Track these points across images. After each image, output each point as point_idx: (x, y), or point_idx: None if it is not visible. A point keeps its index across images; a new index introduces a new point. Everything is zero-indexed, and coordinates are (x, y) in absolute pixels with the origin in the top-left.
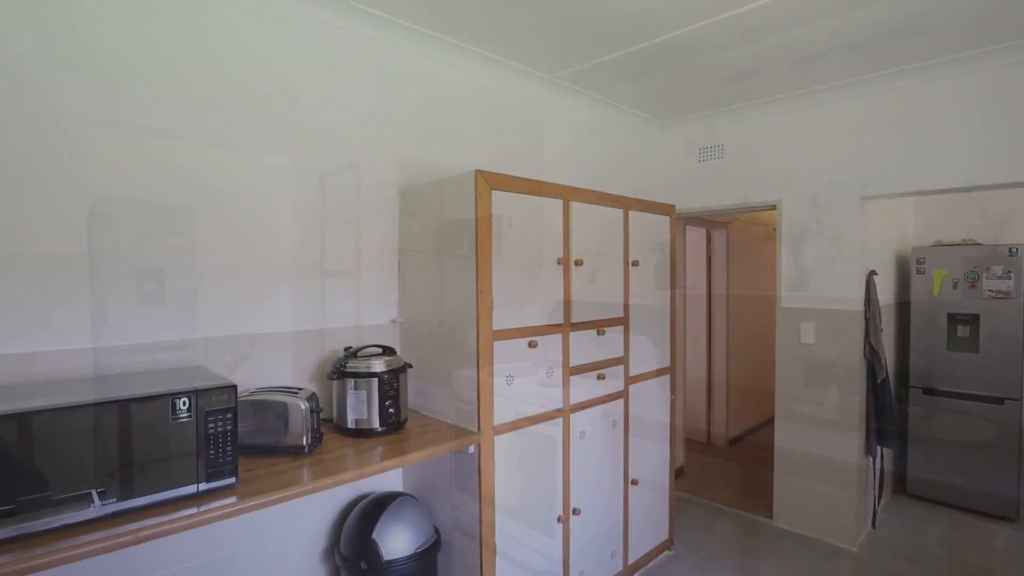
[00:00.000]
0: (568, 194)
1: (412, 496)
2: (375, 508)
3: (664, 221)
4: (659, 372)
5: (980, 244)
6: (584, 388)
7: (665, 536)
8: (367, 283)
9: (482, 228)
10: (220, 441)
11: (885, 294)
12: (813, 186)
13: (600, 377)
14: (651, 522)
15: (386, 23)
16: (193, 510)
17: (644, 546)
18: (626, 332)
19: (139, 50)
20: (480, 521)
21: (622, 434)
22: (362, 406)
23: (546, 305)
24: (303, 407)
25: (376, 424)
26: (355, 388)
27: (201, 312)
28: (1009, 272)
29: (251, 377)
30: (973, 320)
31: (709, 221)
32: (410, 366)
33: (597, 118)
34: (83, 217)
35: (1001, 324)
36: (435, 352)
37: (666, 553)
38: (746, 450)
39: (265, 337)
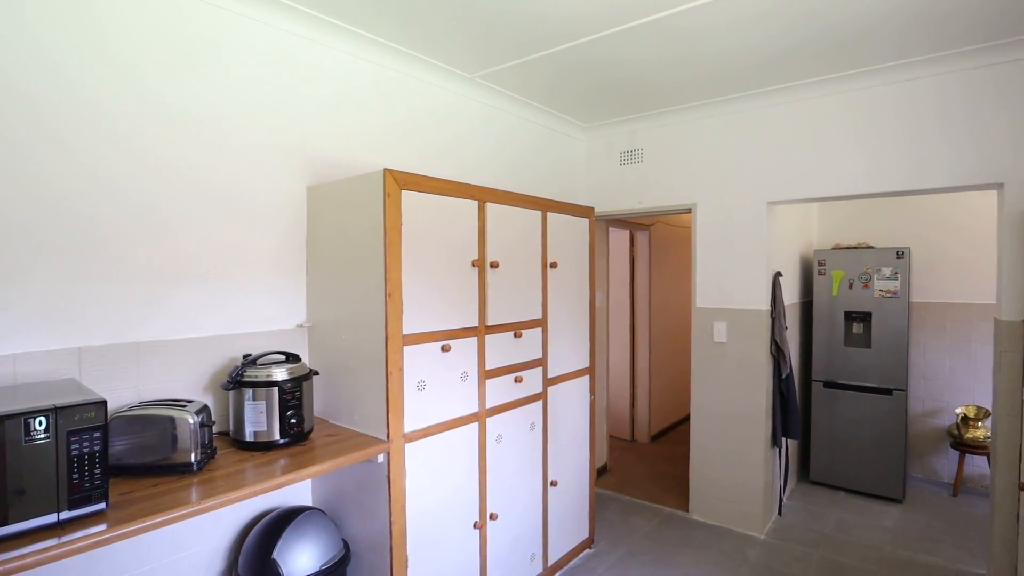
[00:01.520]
0: (483, 195)
1: (320, 510)
2: (277, 525)
3: (583, 223)
4: (579, 373)
5: (873, 247)
6: (501, 391)
7: (586, 535)
8: (272, 285)
9: (391, 229)
10: (86, 463)
11: (790, 294)
12: (725, 190)
13: (518, 380)
14: (571, 522)
15: (293, 12)
16: (53, 541)
17: (564, 546)
18: (544, 334)
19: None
20: (391, 533)
21: (540, 436)
22: (261, 417)
23: (460, 308)
24: (191, 421)
25: (277, 436)
26: (253, 399)
27: (75, 318)
28: (896, 273)
29: (135, 390)
30: (866, 318)
31: (632, 223)
32: (316, 373)
33: (519, 119)
34: None
35: (889, 321)
36: (343, 358)
37: (586, 551)
38: (668, 446)
39: (152, 345)
